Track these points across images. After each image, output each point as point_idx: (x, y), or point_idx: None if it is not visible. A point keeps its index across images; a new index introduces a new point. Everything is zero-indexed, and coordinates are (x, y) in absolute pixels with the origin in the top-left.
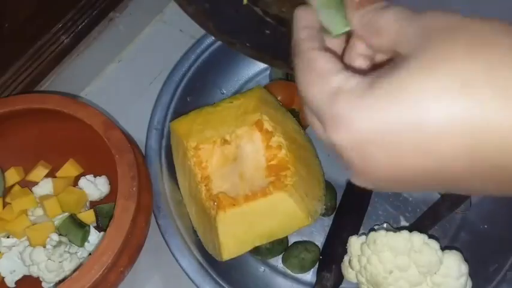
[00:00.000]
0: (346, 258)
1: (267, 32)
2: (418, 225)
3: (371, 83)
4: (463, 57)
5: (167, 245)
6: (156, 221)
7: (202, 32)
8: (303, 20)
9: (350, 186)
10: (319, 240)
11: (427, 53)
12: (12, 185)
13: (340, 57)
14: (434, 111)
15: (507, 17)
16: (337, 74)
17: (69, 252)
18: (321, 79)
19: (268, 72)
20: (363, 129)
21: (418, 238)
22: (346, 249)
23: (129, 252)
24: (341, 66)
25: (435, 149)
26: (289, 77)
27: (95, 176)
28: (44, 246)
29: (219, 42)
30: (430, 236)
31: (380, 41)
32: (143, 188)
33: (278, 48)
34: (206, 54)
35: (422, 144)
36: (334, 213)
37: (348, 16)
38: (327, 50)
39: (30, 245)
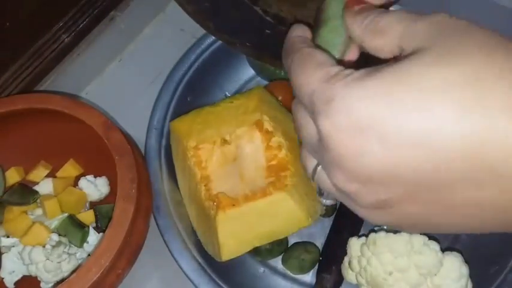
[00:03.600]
0: (346, 260)
1: (267, 31)
2: None
3: (373, 70)
4: (478, 53)
5: (166, 245)
6: (156, 221)
7: (203, 31)
8: (298, 31)
9: None
10: (319, 241)
11: (438, 45)
12: (13, 185)
13: None
14: (441, 108)
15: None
16: (334, 64)
17: (68, 253)
18: (319, 67)
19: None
20: (362, 114)
21: (418, 239)
22: (346, 250)
23: (128, 254)
24: (333, 61)
25: (433, 144)
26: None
27: (95, 177)
28: (44, 246)
29: (219, 42)
30: (431, 238)
31: (383, 41)
32: (143, 189)
33: (278, 48)
34: (207, 54)
35: (420, 137)
36: (335, 214)
37: (347, 22)
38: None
39: (30, 244)
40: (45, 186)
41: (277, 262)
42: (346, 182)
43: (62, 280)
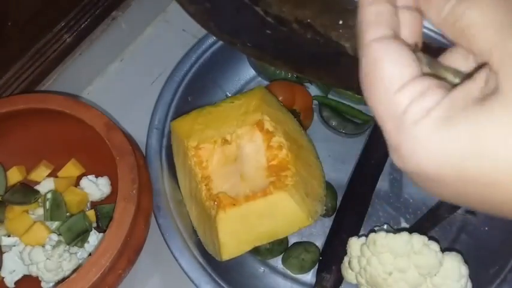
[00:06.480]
0: (346, 259)
1: (268, 32)
2: (419, 227)
3: (447, 118)
4: None
5: (167, 244)
6: (156, 221)
7: (204, 31)
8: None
9: (351, 187)
10: (319, 241)
11: None
12: (14, 184)
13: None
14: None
15: None
16: (403, 89)
17: (69, 252)
18: (386, 94)
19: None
20: (429, 171)
21: (418, 240)
22: (346, 250)
23: (128, 255)
24: (410, 74)
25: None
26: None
27: (96, 177)
28: (43, 246)
29: (220, 42)
30: (430, 238)
31: (467, 46)
32: (143, 190)
33: (278, 48)
34: (208, 54)
35: (490, 203)
36: (335, 214)
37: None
38: (398, 40)
39: (30, 244)
40: (46, 186)
41: (277, 262)
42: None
43: (63, 279)
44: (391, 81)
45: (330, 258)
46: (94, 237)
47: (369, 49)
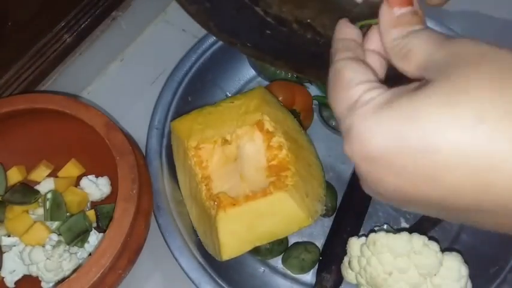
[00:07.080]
0: (346, 259)
1: (268, 32)
2: (419, 227)
3: (389, 101)
4: (483, 87)
5: (167, 244)
6: (156, 221)
7: (204, 31)
8: (342, 32)
9: (351, 187)
10: (319, 240)
11: (449, 80)
12: (14, 184)
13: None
14: (445, 141)
15: None
16: (358, 85)
17: (69, 252)
18: (343, 90)
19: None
20: (373, 147)
21: (418, 240)
22: (346, 250)
23: (128, 255)
24: (365, 78)
25: (440, 178)
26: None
27: (96, 177)
28: (43, 246)
29: (220, 42)
30: (430, 238)
31: (406, 67)
32: (143, 190)
33: (278, 48)
34: (208, 54)
35: (428, 171)
36: (335, 214)
37: (381, 29)
38: (359, 60)
39: (30, 243)
40: (46, 186)
41: (277, 262)
42: (372, 193)
43: (63, 279)
44: (349, 81)
45: (330, 258)
46: (94, 237)
47: (335, 64)
